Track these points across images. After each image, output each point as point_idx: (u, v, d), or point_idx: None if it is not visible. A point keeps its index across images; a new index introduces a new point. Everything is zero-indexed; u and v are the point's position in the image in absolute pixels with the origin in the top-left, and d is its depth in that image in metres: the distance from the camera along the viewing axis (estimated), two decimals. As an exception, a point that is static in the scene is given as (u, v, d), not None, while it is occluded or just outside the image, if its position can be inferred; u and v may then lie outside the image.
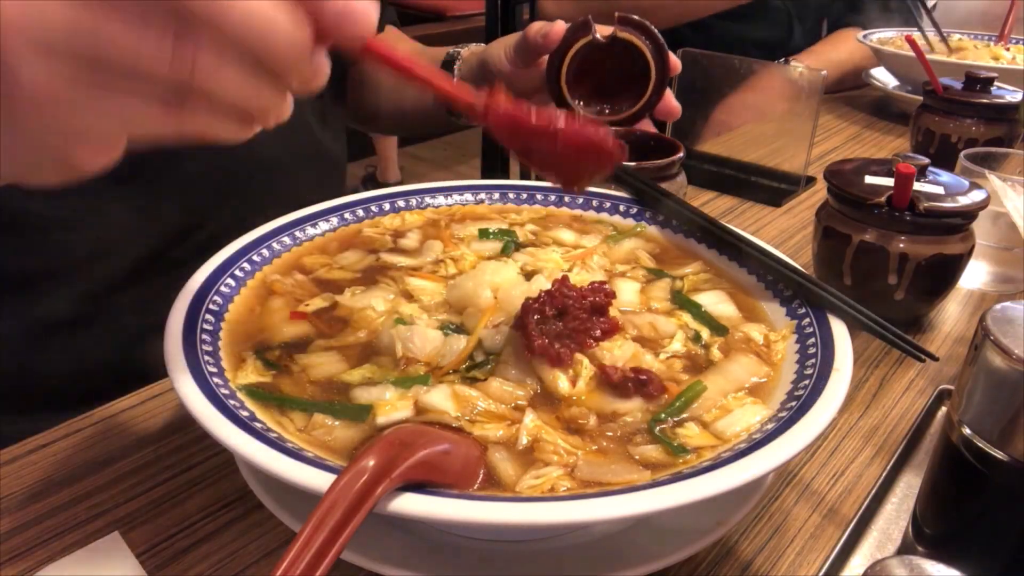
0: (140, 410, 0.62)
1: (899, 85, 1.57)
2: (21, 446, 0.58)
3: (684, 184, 0.83)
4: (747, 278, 0.62)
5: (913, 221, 0.71)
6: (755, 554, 0.51)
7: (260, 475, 0.48)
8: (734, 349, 0.54)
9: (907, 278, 0.73)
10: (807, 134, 1.09)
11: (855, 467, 0.59)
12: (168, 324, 0.49)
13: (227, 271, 0.57)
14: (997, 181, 0.77)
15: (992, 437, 0.44)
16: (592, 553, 0.46)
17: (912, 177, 0.71)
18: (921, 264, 0.72)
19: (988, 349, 0.43)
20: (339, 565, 0.46)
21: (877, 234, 0.73)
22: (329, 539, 0.34)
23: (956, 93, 1.16)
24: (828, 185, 0.77)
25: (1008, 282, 0.86)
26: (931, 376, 0.71)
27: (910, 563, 0.36)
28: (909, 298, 0.74)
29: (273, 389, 0.49)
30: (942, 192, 0.73)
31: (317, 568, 0.33)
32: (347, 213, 0.69)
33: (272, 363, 0.51)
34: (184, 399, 0.42)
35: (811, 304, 0.55)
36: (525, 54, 0.79)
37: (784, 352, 0.53)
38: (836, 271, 0.77)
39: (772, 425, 0.43)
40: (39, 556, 0.49)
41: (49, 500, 0.53)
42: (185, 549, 0.50)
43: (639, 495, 0.37)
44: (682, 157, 0.81)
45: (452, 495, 0.37)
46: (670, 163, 0.80)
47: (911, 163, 0.72)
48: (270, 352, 0.52)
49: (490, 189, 0.76)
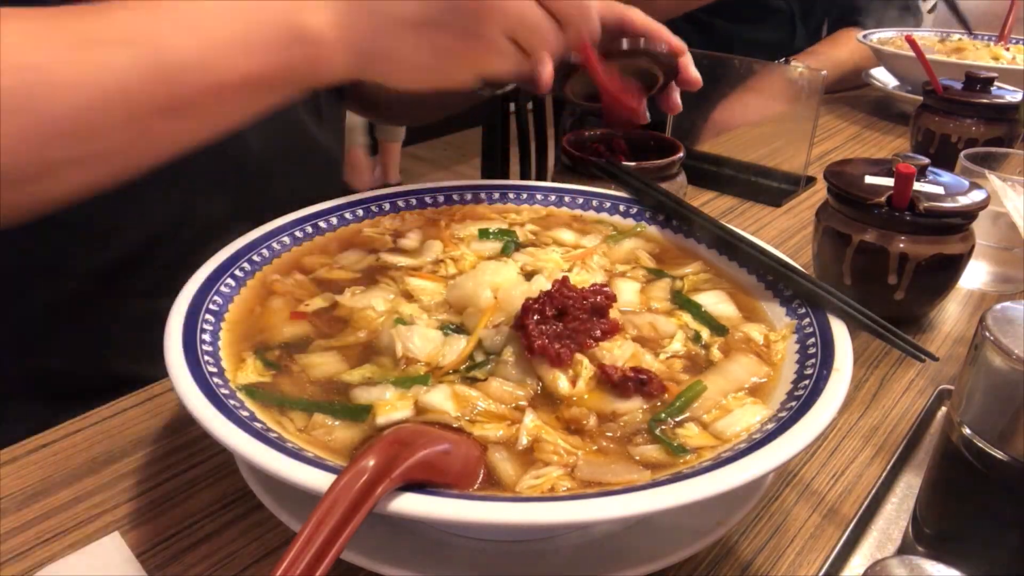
0: (140, 410, 0.62)
1: (899, 85, 1.57)
2: (21, 446, 0.58)
3: (684, 184, 0.83)
4: (747, 278, 0.62)
5: (913, 221, 0.71)
6: (755, 554, 0.51)
7: (260, 475, 0.48)
8: (734, 349, 0.54)
9: (907, 278, 0.73)
10: (807, 134, 1.09)
11: (855, 467, 0.59)
12: (168, 324, 0.49)
13: (227, 271, 0.57)
14: (997, 181, 0.76)
15: (992, 437, 0.44)
16: (592, 553, 0.46)
17: (912, 177, 0.71)
18: (921, 264, 0.72)
19: (988, 349, 0.43)
20: (339, 565, 0.46)
21: (877, 234, 0.73)
22: (329, 539, 0.34)
23: (956, 93, 1.15)
24: (828, 185, 0.77)
25: (1008, 282, 0.86)
26: (931, 376, 0.71)
27: (910, 563, 0.36)
28: (909, 298, 0.74)
29: (273, 389, 0.49)
30: (942, 192, 0.73)
31: (317, 568, 0.33)
32: (347, 213, 0.69)
33: (272, 363, 0.51)
34: (184, 399, 0.42)
35: (811, 304, 0.55)
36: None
37: (784, 352, 0.53)
38: (836, 271, 0.77)
39: (772, 425, 0.43)
40: (39, 556, 0.49)
41: (49, 500, 0.53)
42: (185, 549, 0.50)
43: (639, 495, 0.37)
44: (682, 157, 0.81)
45: (452, 495, 0.37)
46: (670, 163, 0.80)
47: (911, 163, 0.72)
48: (270, 352, 0.52)
49: (490, 189, 0.76)
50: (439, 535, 0.47)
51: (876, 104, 1.59)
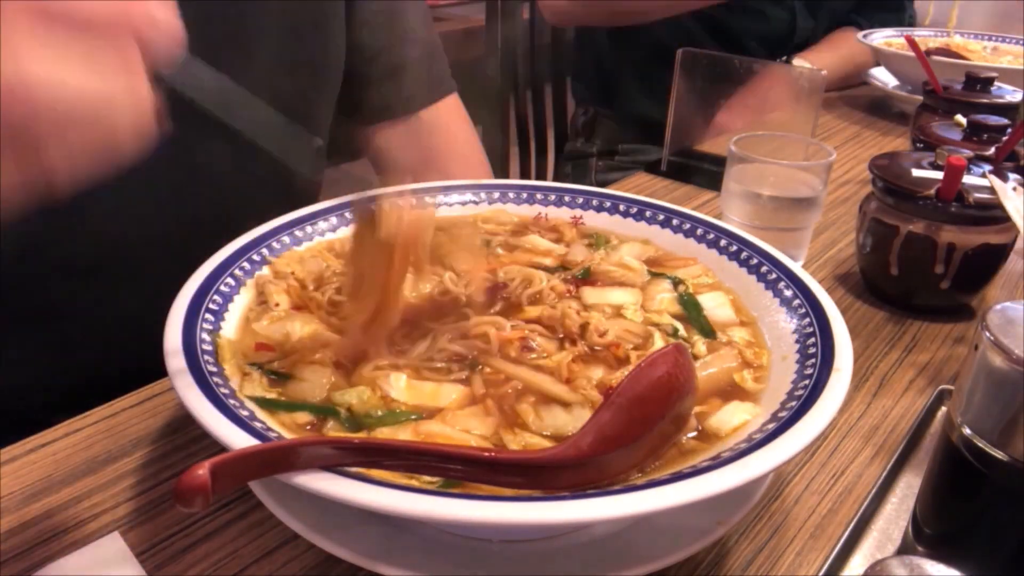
0: (140, 410, 0.62)
1: (899, 85, 1.57)
2: (21, 445, 0.58)
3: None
4: (747, 278, 0.62)
5: (961, 212, 0.74)
6: (755, 554, 0.51)
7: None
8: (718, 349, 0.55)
9: (954, 267, 0.76)
10: (807, 134, 1.09)
11: (855, 467, 0.59)
12: (168, 323, 0.49)
13: (227, 271, 0.57)
14: (997, 181, 0.77)
15: (992, 437, 0.44)
16: (592, 553, 0.46)
17: (963, 170, 0.74)
18: (968, 254, 0.75)
19: (988, 349, 0.43)
20: (339, 564, 0.46)
21: (925, 225, 0.76)
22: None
23: (956, 93, 1.15)
24: (874, 178, 0.80)
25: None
26: (931, 376, 0.71)
27: (910, 563, 0.36)
28: (955, 287, 0.78)
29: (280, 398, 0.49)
30: (985, 183, 0.75)
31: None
32: (347, 212, 0.69)
33: (276, 373, 0.51)
34: (183, 399, 0.42)
35: (811, 304, 0.55)
36: None
37: (767, 362, 0.54)
38: (882, 261, 0.80)
39: (772, 425, 0.43)
40: (39, 556, 0.49)
41: (49, 500, 0.53)
42: (185, 549, 0.50)
43: (639, 495, 0.37)
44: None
45: (452, 495, 0.37)
46: None
47: (958, 156, 0.75)
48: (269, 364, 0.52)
49: (490, 189, 0.75)
50: (439, 535, 0.47)
51: (876, 104, 1.58)
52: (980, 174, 0.77)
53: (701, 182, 1.13)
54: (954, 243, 0.75)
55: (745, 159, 0.86)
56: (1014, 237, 0.77)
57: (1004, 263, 0.79)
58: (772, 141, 0.92)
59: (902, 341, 0.76)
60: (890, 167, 0.80)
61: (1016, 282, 0.86)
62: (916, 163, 0.80)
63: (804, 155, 0.90)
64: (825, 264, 0.91)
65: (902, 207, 0.78)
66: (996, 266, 0.79)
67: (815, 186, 0.84)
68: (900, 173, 0.79)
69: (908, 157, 0.82)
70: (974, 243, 0.75)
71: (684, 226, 0.69)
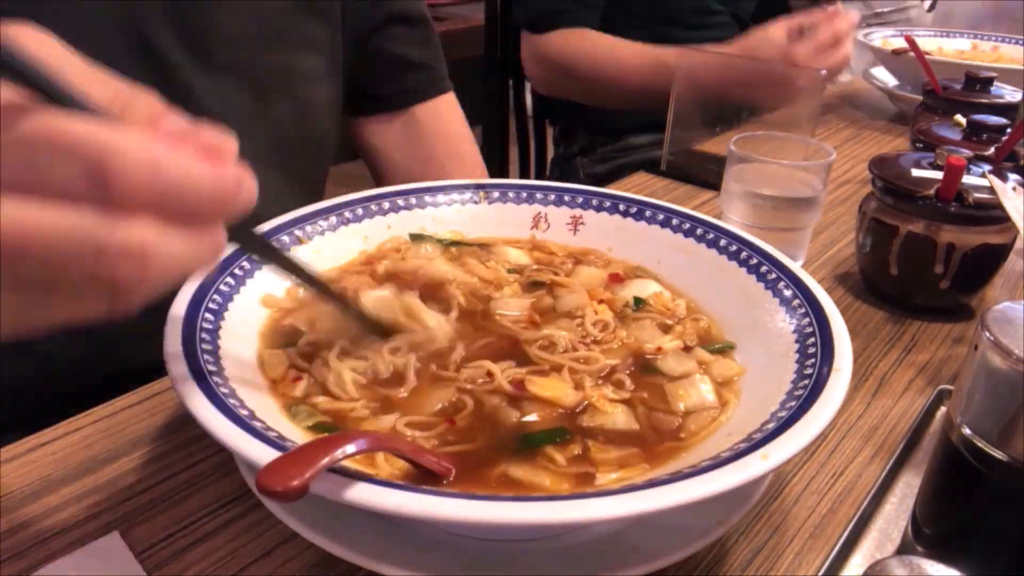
0: (140, 409, 0.62)
1: (899, 85, 1.57)
2: (21, 445, 0.58)
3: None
4: (747, 278, 0.62)
5: (961, 212, 0.74)
6: (755, 554, 0.51)
7: (260, 474, 0.48)
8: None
9: (953, 267, 0.76)
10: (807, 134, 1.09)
11: (855, 467, 0.59)
12: (168, 323, 0.49)
13: (227, 270, 0.57)
14: (997, 181, 0.77)
15: (992, 437, 0.44)
16: (592, 553, 0.46)
17: (963, 170, 0.74)
18: (968, 254, 0.75)
19: (988, 349, 0.43)
20: (339, 564, 0.46)
21: (924, 225, 0.76)
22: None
23: (956, 93, 1.15)
24: (873, 178, 0.80)
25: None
26: (930, 376, 0.71)
27: (910, 563, 0.36)
28: (954, 287, 0.78)
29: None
30: (985, 183, 0.75)
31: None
32: (347, 212, 0.69)
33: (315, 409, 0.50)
34: (183, 398, 0.42)
35: (811, 304, 0.55)
36: None
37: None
38: (882, 261, 0.80)
39: (772, 425, 0.43)
40: (39, 555, 0.49)
41: (49, 499, 0.53)
42: (184, 548, 0.50)
43: (639, 495, 0.37)
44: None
45: (452, 495, 0.37)
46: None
47: (957, 156, 0.75)
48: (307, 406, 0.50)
49: (490, 188, 0.75)
50: (439, 535, 0.47)
51: (876, 104, 1.58)
52: (980, 174, 0.77)
53: (700, 182, 1.13)
54: (954, 243, 0.75)
55: (745, 159, 0.86)
56: (1014, 237, 0.77)
57: (1004, 263, 0.79)
58: (772, 141, 0.92)
59: (902, 341, 0.76)
60: (890, 167, 0.80)
61: (1016, 282, 0.86)
62: (916, 163, 0.80)
63: (804, 155, 0.90)
64: (824, 264, 0.91)
65: (902, 207, 0.78)
66: (996, 266, 0.79)
67: (815, 186, 0.84)
68: (900, 173, 0.79)
69: (908, 157, 0.82)
70: (974, 243, 0.75)
71: (684, 226, 0.69)
